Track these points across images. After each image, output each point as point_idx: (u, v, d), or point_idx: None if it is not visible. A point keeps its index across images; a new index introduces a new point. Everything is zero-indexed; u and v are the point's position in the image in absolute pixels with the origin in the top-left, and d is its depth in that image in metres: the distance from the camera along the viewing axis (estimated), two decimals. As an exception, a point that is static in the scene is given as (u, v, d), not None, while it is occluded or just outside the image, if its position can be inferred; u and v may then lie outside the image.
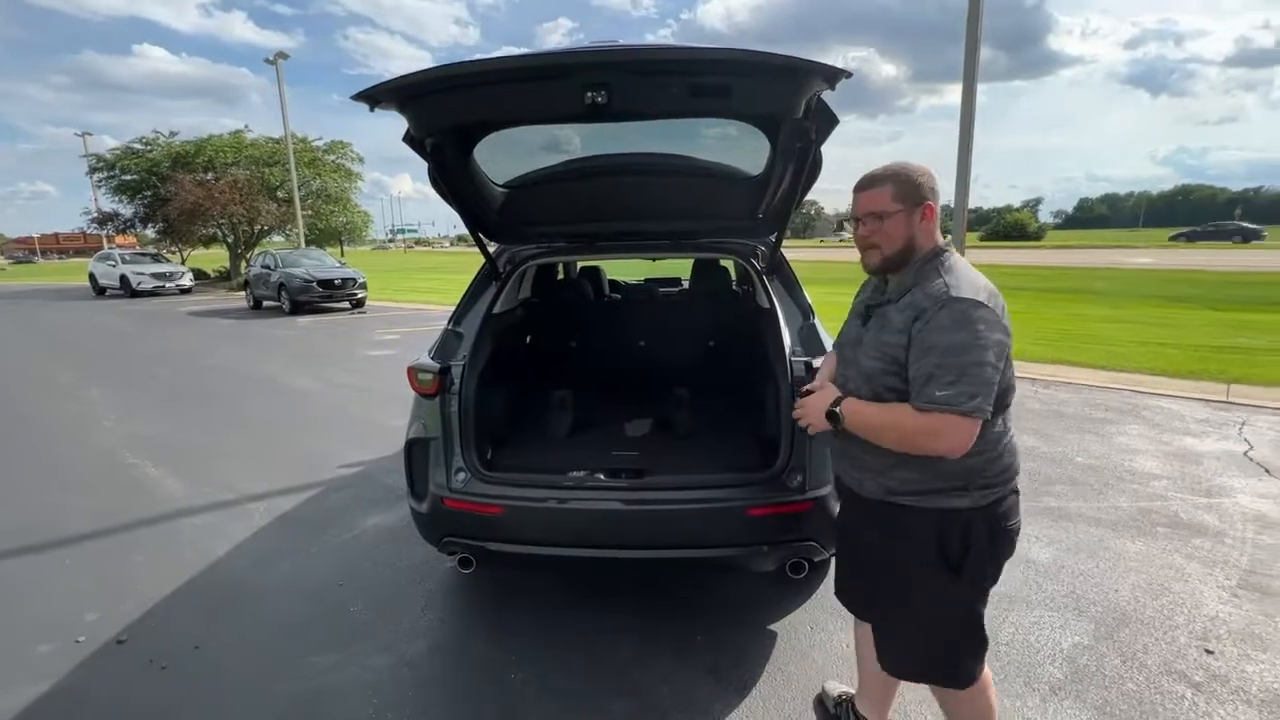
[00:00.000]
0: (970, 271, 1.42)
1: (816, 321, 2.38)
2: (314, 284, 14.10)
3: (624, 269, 4.95)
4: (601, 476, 2.26)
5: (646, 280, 5.06)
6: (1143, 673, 2.20)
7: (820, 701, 2.10)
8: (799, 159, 2.08)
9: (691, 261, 3.75)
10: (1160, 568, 2.87)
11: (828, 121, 1.94)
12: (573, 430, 2.91)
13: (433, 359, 2.36)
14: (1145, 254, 27.33)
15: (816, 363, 2.15)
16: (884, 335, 1.44)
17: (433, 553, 2.64)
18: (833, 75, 1.58)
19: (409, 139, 2.01)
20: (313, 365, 8.23)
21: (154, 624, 2.64)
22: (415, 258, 57.78)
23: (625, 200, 2.56)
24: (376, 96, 1.73)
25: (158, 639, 2.53)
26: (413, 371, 2.34)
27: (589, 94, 1.67)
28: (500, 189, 2.51)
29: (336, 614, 2.66)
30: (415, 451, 2.35)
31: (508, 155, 2.38)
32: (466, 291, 2.71)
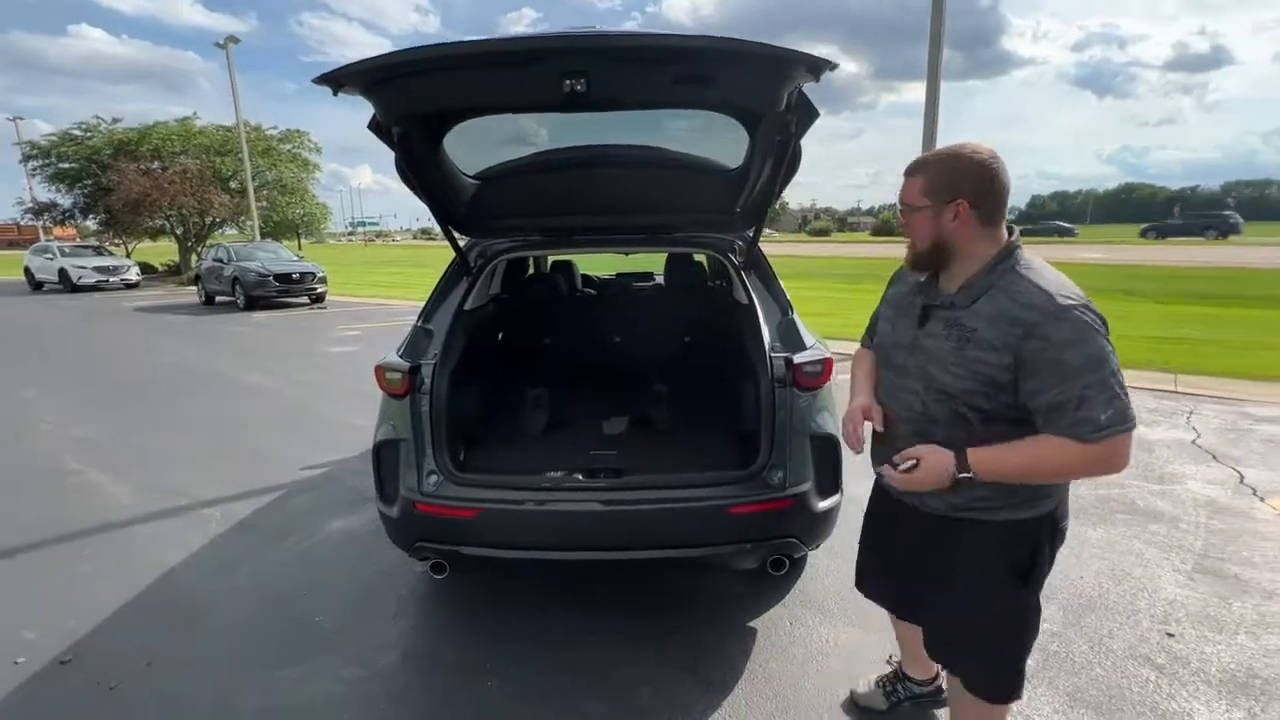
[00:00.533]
0: (1052, 269, 1.30)
1: (795, 317, 2.37)
2: (270, 278, 13.59)
3: (596, 264, 4.88)
4: (579, 477, 2.21)
5: (619, 275, 5.01)
6: (1109, 658, 2.26)
7: (853, 702, 2.02)
8: (778, 152, 2.05)
9: (665, 256, 3.72)
10: (1121, 554, 2.96)
11: (808, 115, 1.91)
12: (548, 429, 2.85)
13: (401, 357, 2.27)
14: (1094, 250, 28.45)
15: (799, 359, 2.14)
16: (972, 351, 1.27)
17: (402, 557, 2.54)
18: (816, 66, 1.55)
19: (375, 126, 1.91)
20: (270, 362, 7.93)
21: (102, 641, 2.48)
22: (377, 251, 56.40)
23: (600, 193, 2.50)
24: (340, 80, 1.63)
25: (106, 657, 2.38)
26: (381, 370, 2.24)
27: (567, 81, 1.61)
28: (471, 180, 2.42)
29: (301, 625, 2.55)
30: (384, 454, 2.26)
31: (478, 145, 2.30)
32: (436, 287, 2.61)
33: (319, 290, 14.34)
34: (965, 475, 1.26)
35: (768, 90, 1.71)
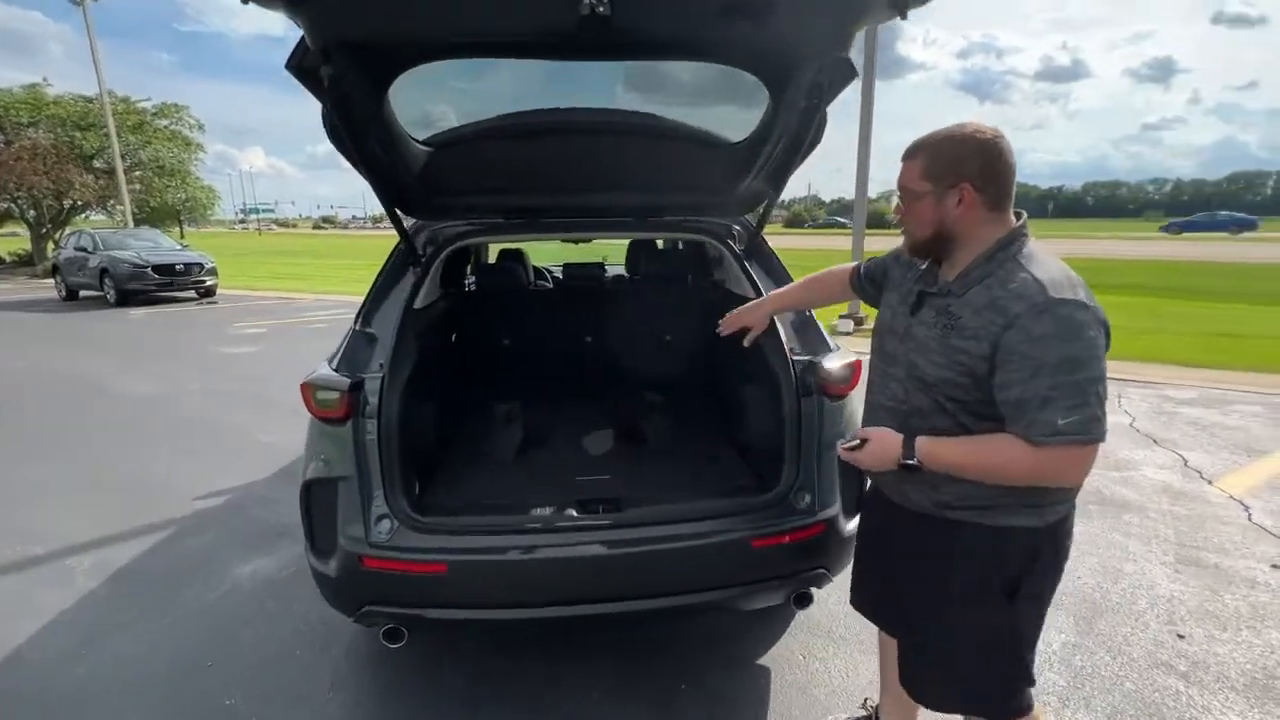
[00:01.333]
0: (1056, 261, 1.19)
1: (811, 313, 2.07)
2: (148, 270, 11.96)
3: (538, 253, 4.41)
4: (573, 513, 1.81)
5: (566, 266, 4.56)
6: (1134, 668, 2.15)
7: None
8: (803, 119, 1.74)
9: (627, 244, 3.33)
10: (1106, 547, 2.93)
11: (844, 75, 1.61)
12: (522, 451, 2.42)
13: (337, 370, 1.77)
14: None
15: (827, 363, 1.85)
16: (955, 340, 1.20)
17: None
18: (904, 2, 1.24)
19: (297, 66, 1.42)
20: (154, 366, 6.85)
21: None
22: (274, 240, 52.06)
23: (579, 168, 2.08)
24: None
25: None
26: (310, 389, 1.74)
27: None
28: (421, 147, 1.94)
29: (205, 712, 2.00)
30: (316, 496, 1.77)
31: (433, 102, 1.83)
32: (376, 281, 2.10)
33: (208, 283, 12.82)
34: (909, 463, 1.22)
35: (835, 26, 1.38)
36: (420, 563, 1.66)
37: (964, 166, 1.16)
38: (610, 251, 5.59)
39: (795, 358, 1.90)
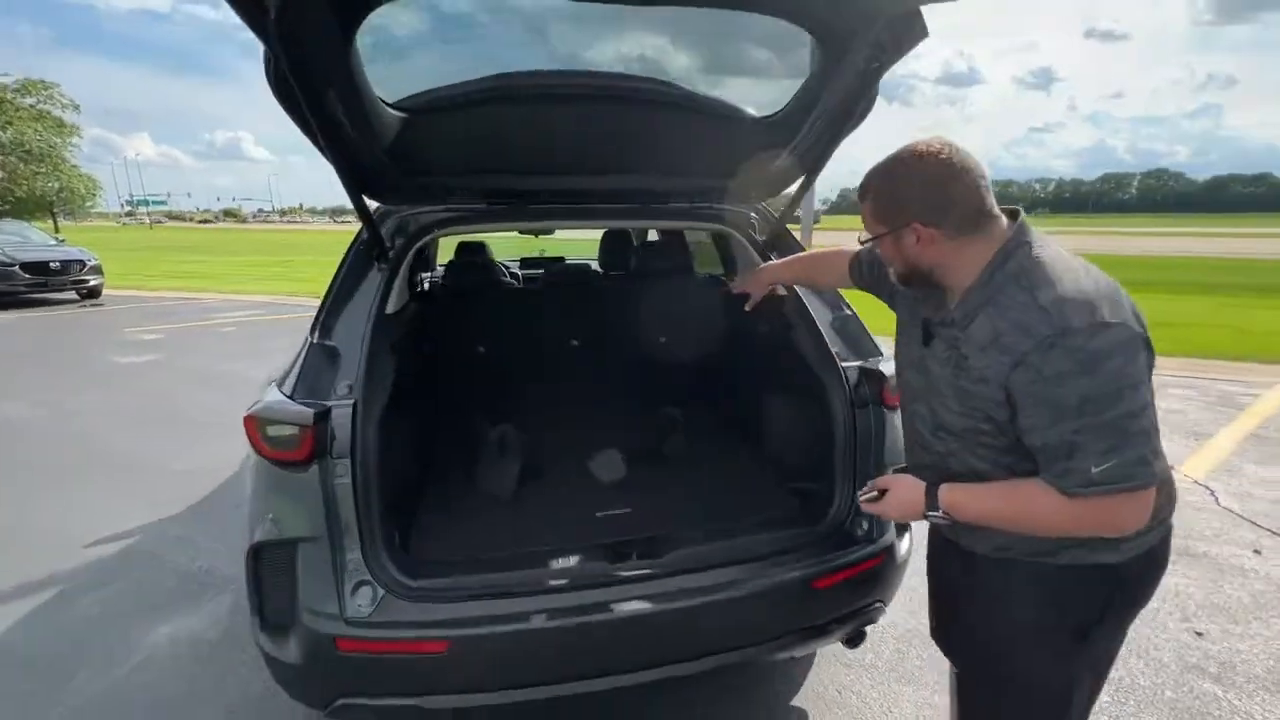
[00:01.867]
0: (1064, 269, 0.99)
1: (852, 311, 1.83)
2: (15, 268, 10.42)
3: (500, 247, 3.99)
4: (602, 560, 1.49)
5: (524, 260, 4.17)
6: (1166, 673, 2.09)
7: None
8: (859, 85, 1.50)
9: (601, 236, 3.00)
10: (1101, 542, 2.92)
11: (914, 34, 1.38)
12: (522, 483, 2.06)
13: (294, 396, 1.37)
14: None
15: (887, 368, 1.61)
16: (965, 383, 1.04)
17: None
18: None
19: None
20: (25, 381, 5.85)
21: None
22: (169, 234, 47.56)
23: (579, 142, 1.74)
24: None
25: None
26: (258, 423, 1.32)
27: None
28: (393, 111, 1.54)
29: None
30: (268, 561, 1.36)
31: (410, 56, 1.45)
32: (335, 280, 1.68)
33: (91, 283, 11.32)
34: (935, 515, 1.09)
35: None
36: (415, 641, 1.30)
37: (907, 207, 1.03)
38: (569, 247, 5.21)
39: (845, 364, 1.66)
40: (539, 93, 1.60)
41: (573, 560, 1.50)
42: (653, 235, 3.84)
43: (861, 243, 1.20)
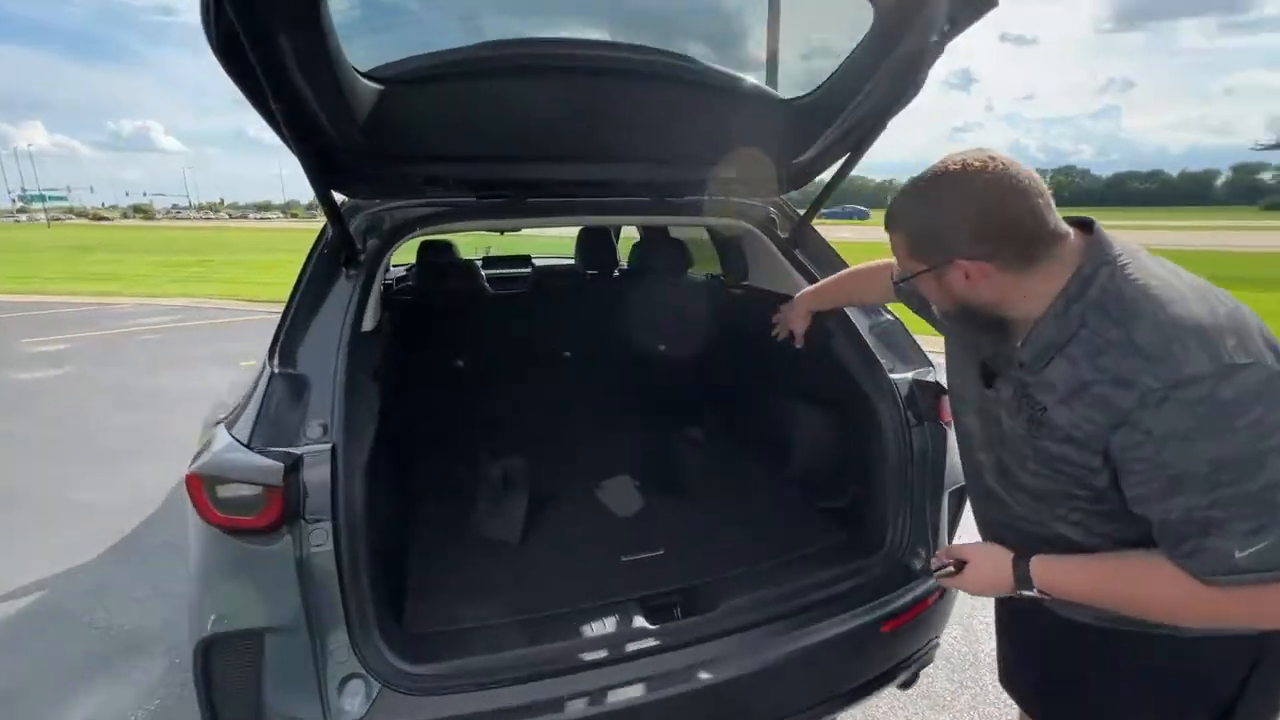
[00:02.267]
0: (1165, 290, 0.78)
1: (895, 316, 1.66)
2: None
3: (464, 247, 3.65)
4: (641, 621, 1.26)
5: (485, 259, 3.83)
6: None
7: None
8: (916, 62, 1.32)
9: (578, 233, 2.74)
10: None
11: (983, 3, 1.21)
12: (529, 523, 1.78)
13: (252, 443, 1.07)
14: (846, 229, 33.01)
15: (942, 380, 1.45)
16: (1047, 443, 0.85)
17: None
18: None
19: None
20: (-105, 406, 5.06)
21: None
22: (69, 232, 43.56)
23: (589, 125, 1.49)
24: None
25: None
26: (204, 482, 1.02)
27: None
28: (369, 83, 1.24)
29: None
30: (219, 658, 1.06)
31: (392, 14, 1.17)
32: (295, 293, 1.36)
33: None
34: (1029, 593, 0.91)
35: None
36: None
37: (949, 240, 0.83)
38: (534, 245, 4.89)
39: (895, 376, 1.49)
40: (537, 62, 1.34)
41: (608, 624, 1.26)
42: (630, 231, 3.59)
43: (897, 283, 1.01)
